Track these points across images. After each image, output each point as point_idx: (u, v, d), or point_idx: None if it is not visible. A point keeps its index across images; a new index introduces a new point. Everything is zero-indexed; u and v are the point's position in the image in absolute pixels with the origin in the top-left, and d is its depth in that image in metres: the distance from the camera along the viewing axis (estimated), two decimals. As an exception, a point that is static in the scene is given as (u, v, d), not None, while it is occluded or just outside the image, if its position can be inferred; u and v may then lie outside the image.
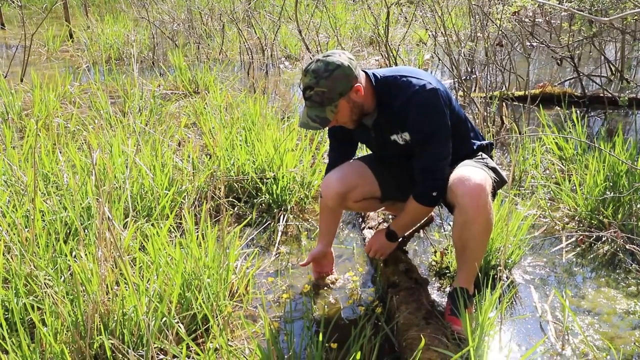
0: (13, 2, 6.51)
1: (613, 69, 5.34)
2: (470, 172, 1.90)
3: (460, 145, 2.06)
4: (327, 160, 2.31)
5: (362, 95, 1.93)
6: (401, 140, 2.03)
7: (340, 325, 2.06)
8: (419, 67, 5.55)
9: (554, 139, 3.34)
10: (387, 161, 2.22)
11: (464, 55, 4.82)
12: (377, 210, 2.62)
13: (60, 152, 2.92)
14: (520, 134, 3.69)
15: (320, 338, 1.71)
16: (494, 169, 2.09)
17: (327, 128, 2.19)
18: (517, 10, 4.21)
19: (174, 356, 1.68)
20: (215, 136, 3.27)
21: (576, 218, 2.77)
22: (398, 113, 1.96)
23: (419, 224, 2.47)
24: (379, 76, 2.00)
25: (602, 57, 5.24)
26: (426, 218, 2.50)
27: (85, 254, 1.89)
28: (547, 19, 5.52)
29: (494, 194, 2.05)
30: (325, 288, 2.28)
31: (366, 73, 2.01)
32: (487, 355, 1.77)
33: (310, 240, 2.69)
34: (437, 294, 2.23)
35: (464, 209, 1.87)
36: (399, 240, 2.25)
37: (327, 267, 2.34)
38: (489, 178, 1.96)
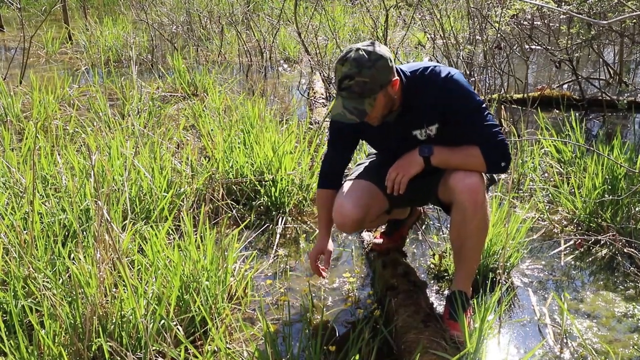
0: (12, 4, 6.51)
1: (611, 72, 5.35)
2: (468, 170, 1.90)
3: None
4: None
5: (397, 90, 1.87)
6: (423, 135, 1.96)
7: (338, 328, 2.06)
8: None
9: (552, 142, 3.35)
10: (388, 168, 2.19)
11: (463, 58, 4.83)
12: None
13: (59, 154, 2.92)
14: (518, 136, 3.70)
15: (319, 341, 1.71)
16: None
17: (330, 121, 2.16)
18: (515, 13, 4.22)
19: (172, 359, 1.68)
20: (214, 139, 3.27)
21: (574, 221, 2.77)
22: (431, 105, 1.90)
23: (411, 220, 2.47)
24: (407, 72, 1.93)
25: (601, 60, 5.25)
26: (417, 213, 2.49)
27: (84, 256, 1.89)
28: (545, 21, 5.53)
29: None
30: (322, 289, 2.26)
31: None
32: (486, 358, 1.77)
33: (308, 242, 2.69)
34: (436, 297, 2.23)
35: (463, 205, 1.86)
36: (428, 165, 1.94)
37: (324, 262, 2.21)
38: (483, 176, 1.96)
